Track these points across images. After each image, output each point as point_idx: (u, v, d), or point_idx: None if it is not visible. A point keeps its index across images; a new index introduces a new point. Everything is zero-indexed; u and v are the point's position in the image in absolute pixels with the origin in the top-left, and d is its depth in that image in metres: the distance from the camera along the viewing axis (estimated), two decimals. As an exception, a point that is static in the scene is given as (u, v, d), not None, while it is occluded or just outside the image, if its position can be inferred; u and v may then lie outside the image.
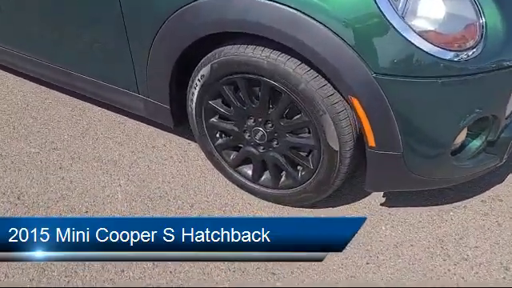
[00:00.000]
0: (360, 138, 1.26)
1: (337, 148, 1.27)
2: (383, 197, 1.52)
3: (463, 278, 1.28)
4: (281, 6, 1.14)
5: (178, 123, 1.62)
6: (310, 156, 1.37)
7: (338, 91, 1.21)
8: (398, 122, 1.17)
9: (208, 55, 1.35)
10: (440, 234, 1.40)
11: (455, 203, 1.50)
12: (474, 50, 1.13)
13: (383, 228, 1.43)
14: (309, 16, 1.12)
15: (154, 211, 1.51)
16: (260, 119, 1.38)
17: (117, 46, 1.52)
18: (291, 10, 1.13)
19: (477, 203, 1.50)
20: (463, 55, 1.13)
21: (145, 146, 1.78)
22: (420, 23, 1.12)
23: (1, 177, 1.64)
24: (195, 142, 1.65)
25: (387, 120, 1.17)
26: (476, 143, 1.31)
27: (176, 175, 1.64)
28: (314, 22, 1.12)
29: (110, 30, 1.50)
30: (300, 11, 1.12)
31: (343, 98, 1.21)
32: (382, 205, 1.50)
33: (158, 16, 1.34)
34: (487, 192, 1.54)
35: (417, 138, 1.22)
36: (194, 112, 1.49)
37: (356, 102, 1.17)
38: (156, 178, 1.63)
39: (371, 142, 1.22)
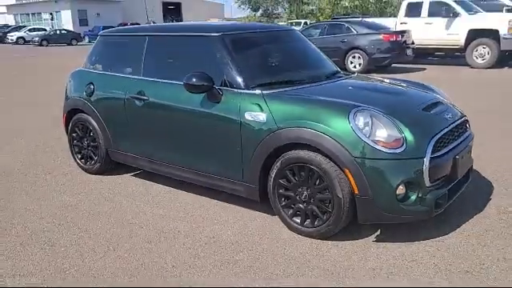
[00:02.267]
0: (351, 191, 2.60)
1: (341, 196, 2.61)
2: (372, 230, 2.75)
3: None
4: (313, 131, 2.65)
5: (262, 199, 3.03)
6: (329, 204, 2.69)
7: (339, 167, 2.61)
8: (368, 180, 2.52)
9: (281, 155, 2.84)
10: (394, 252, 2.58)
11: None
12: (400, 149, 2.54)
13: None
14: (324, 133, 2.61)
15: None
16: (305, 187, 2.77)
17: (232, 155, 3.05)
18: (317, 132, 2.64)
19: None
20: (395, 150, 2.54)
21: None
22: (375, 138, 2.56)
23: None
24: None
25: (362, 179, 2.53)
26: (413, 197, 2.59)
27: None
28: (327, 136, 2.60)
29: (230, 144, 3.04)
30: (320, 132, 2.62)
31: (341, 170, 2.60)
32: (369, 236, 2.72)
33: (259, 138, 2.89)
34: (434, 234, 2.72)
35: (377, 189, 2.54)
36: (271, 188, 2.92)
37: (347, 171, 2.57)
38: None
39: (356, 190, 2.56)
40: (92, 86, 3.93)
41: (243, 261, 2.57)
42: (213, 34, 3.27)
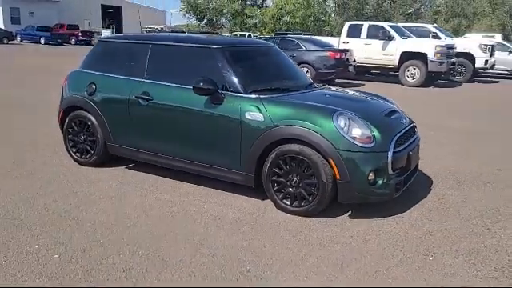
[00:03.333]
0: (333, 176, 3.31)
1: (325, 181, 3.30)
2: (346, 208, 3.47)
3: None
4: (304, 128, 3.33)
5: (256, 185, 3.66)
6: (315, 188, 3.38)
7: (324, 157, 3.31)
8: (347, 168, 3.24)
9: (275, 148, 3.48)
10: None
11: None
12: (371, 144, 3.30)
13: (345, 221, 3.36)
14: (313, 131, 3.30)
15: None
16: (295, 174, 3.44)
17: (232, 148, 3.65)
18: (308, 129, 3.32)
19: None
20: (367, 145, 3.29)
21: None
22: (352, 135, 3.29)
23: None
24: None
25: (343, 167, 3.25)
26: (380, 182, 3.34)
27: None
28: (316, 133, 3.29)
29: (230, 139, 3.65)
30: (310, 129, 3.31)
31: (326, 160, 3.30)
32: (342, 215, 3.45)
33: (257, 133, 3.51)
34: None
35: (353, 175, 3.26)
36: (265, 175, 3.55)
37: (331, 161, 3.27)
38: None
39: (338, 176, 3.27)
40: (94, 86, 4.35)
41: (247, 232, 3.18)
42: (214, 47, 3.87)
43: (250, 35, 31.43)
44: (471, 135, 6.71)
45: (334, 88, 4.56)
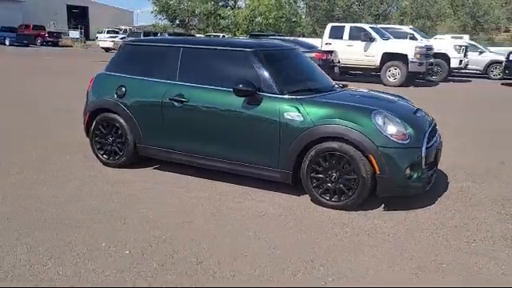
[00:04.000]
0: (372, 171, 3.53)
1: (365, 176, 3.53)
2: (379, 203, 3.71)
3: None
4: (345, 127, 3.54)
5: (294, 182, 3.84)
6: (354, 183, 3.59)
7: (363, 153, 3.53)
8: (386, 163, 3.47)
9: (313, 146, 3.67)
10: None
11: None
12: (406, 140, 3.54)
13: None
14: (353, 129, 3.51)
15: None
16: (334, 170, 3.65)
17: (270, 147, 3.81)
18: (348, 128, 3.53)
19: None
20: (403, 142, 3.53)
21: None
22: (389, 132, 3.52)
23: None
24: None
25: (382, 162, 3.48)
26: (415, 176, 3.59)
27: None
28: (356, 131, 3.51)
29: (269, 138, 3.81)
30: (350, 127, 3.52)
31: (365, 156, 3.52)
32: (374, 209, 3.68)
33: (297, 133, 3.69)
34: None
35: (392, 170, 3.50)
36: (305, 172, 3.74)
37: (371, 157, 3.50)
38: (285, 203, 3.77)
39: (377, 171, 3.50)
40: (123, 89, 4.43)
41: (294, 227, 3.35)
42: (248, 49, 4.04)
43: (223, 36, 31.48)
44: (464, 131, 7.13)
45: (355, 88, 4.79)
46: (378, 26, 16.27)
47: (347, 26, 14.65)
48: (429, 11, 52.29)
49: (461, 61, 15.39)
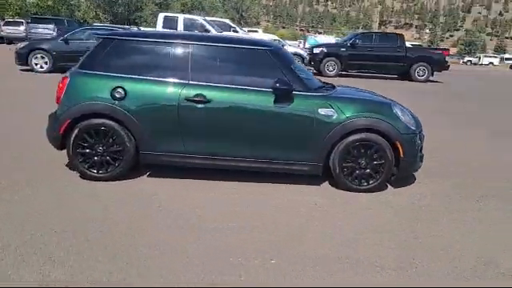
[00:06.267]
0: (397, 156, 4.12)
1: (391, 159, 4.09)
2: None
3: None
4: (374, 119, 4.00)
5: (323, 173, 4.12)
6: (381, 167, 4.12)
7: (390, 141, 4.07)
8: (408, 147, 4.10)
9: (347, 137, 4.02)
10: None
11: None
12: (414, 127, 4.23)
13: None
14: (382, 120, 4.02)
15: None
16: (363, 157, 4.08)
17: (303, 141, 3.98)
18: (377, 119, 4.01)
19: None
20: (413, 128, 4.21)
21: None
22: (405, 121, 4.15)
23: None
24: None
25: (405, 147, 4.09)
26: (420, 155, 4.35)
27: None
28: (384, 121, 4.02)
29: (303, 134, 3.96)
30: (379, 119, 4.02)
31: (390, 143, 4.08)
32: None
33: (331, 127, 3.95)
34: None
35: (411, 153, 4.16)
36: (336, 162, 4.06)
37: (398, 143, 4.07)
38: (323, 193, 4.03)
39: (402, 154, 4.10)
40: (122, 90, 3.83)
41: (346, 214, 3.66)
42: (266, 48, 4.07)
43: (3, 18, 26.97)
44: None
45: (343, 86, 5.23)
46: (208, 18, 16.78)
47: (181, 17, 14.71)
48: (202, 3, 56.18)
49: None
